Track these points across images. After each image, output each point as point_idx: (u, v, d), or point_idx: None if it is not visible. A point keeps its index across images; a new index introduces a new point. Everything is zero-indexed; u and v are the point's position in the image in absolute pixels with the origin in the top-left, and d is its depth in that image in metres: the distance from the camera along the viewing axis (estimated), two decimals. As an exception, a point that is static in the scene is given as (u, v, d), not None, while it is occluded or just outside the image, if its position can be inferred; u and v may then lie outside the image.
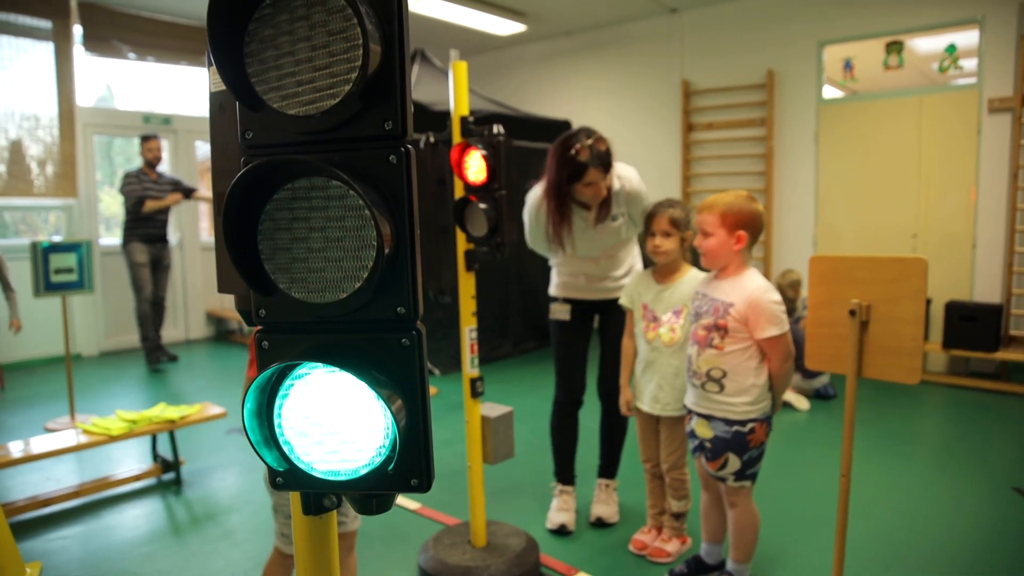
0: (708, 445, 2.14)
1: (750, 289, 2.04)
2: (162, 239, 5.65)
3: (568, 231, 2.50)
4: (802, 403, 4.41)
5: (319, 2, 0.66)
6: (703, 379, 2.12)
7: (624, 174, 2.51)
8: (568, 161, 2.34)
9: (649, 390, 2.47)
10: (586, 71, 7.20)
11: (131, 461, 3.54)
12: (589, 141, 2.34)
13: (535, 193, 2.56)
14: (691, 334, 2.19)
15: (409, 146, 0.69)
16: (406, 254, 0.70)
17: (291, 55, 0.67)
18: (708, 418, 2.14)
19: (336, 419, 0.70)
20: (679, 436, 2.46)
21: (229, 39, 0.67)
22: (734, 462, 2.10)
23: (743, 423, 2.08)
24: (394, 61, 0.67)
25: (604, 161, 2.35)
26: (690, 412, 2.23)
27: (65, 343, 4.14)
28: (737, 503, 2.17)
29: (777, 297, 2.04)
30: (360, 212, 0.67)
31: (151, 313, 5.64)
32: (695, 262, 2.42)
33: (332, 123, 0.68)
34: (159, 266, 5.69)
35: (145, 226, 5.52)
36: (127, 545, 2.71)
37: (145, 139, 5.56)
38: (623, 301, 2.53)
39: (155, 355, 5.68)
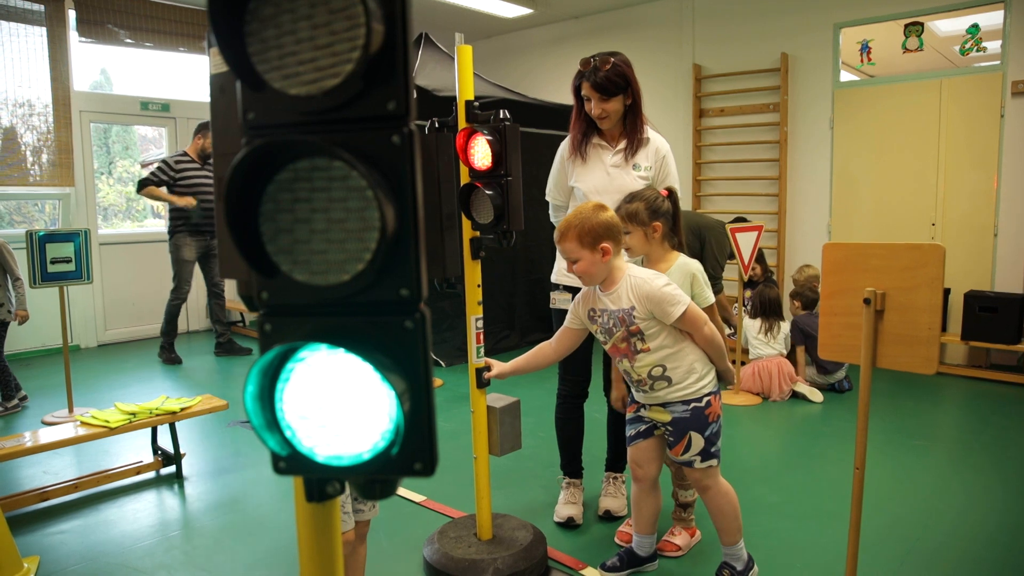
0: (669, 429, 2.14)
1: (638, 286, 2.06)
2: (212, 228, 5.52)
3: (584, 146, 2.60)
4: (816, 395, 4.32)
5: (320, -22, 0.65)
6: (648, 382, 2.12)
7: (660, 140, 2.65)
8: (577, 71, 2.52)
9: None
10: (594, 56, 7.07)
11: (131, 454, 3.48)
12: (598, 60, 2.46)
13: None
14: (610, 350, 2.18)
15: (412, 127, 0.68)
16: (409, 236, 0.69)
17: (292, 34, 0.66)
18: (663, 404, 2.14)
19: (339, 403, 0.70)
20: None
21: (229, 18, 0.67)
22: (697, 441, 2.10)
23: (699, 399, 2.10)
24: (397, 41, 0.66)
25: (598, 81, 2.44)
26: (635, 402, 2.23)
27: (63, 334, 4.08)
28: (709, 485, 2.15)
29: (664, 279, 2.08)
30: (363, 193, 0.66)
31: (177, 312, 5.56)
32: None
33: (334, 103, 0.67)
34: (210, 255, 5.58)
35: (195, 216, 5.38)
36: (126, 539, 2.67)
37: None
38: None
39: (228, 346, 5.72)
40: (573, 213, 2.09)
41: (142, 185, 5.28)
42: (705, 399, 2.10)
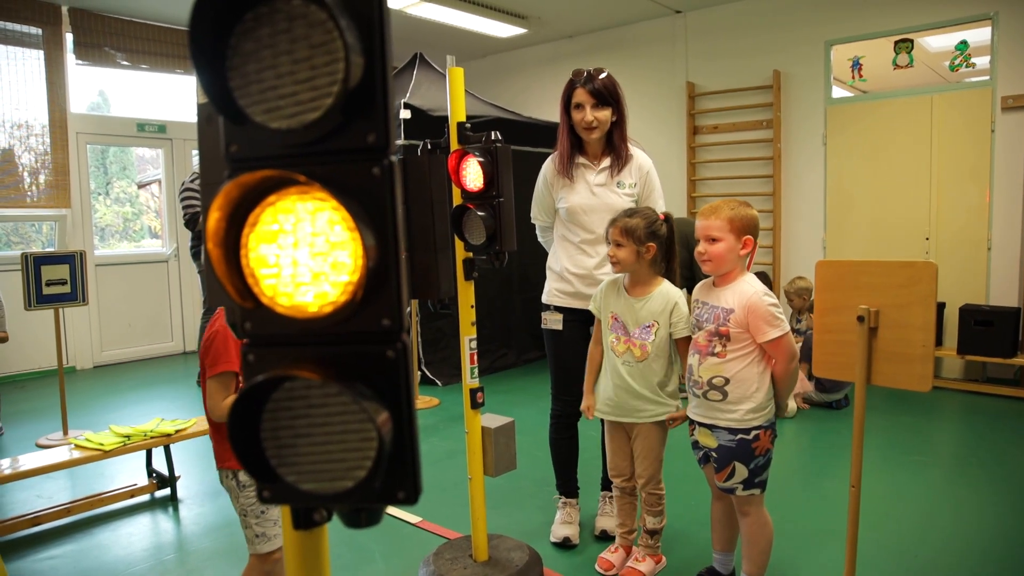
0: (713, 455, 2.12)
1: (748, 294, 2.04)
2: None
3: (572, 163, 2.61)
4: (791, 410, 4.27)
5: (300, 15, 0.65)
6: (704, 388, 2.09)
7: (643, 156, 2.64)
8: (568, 81, 2.56)
9: (610, 398, 2.37)
10: (588, 74, 7.13)
11: (125, 477, 3.46)
12: (592, 70, 2.53)
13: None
14: (692, 343, 2.18)
15: (393, 158, 0.70)
16: (391, 266, 0.70)
17: (273, 68, 0.67)
18: (711, 427, 2.11)
19: (321, 432, 0.70)
20: (653, 448, 2.35)
21: (211, 53, 0.68)
22: (741, 471, 2.07)
23: (747, 431, 2.06)
24: (376, 74, 0.67)
25: (596, 87, 2.49)
26: (692, 422, 2.20)
27: (58, 356, 4.07)
28: (749, 512, 2.13)
29: (774, 300, 2.06)
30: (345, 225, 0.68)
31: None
32: (689, 280, 2.38)
33: (315, 136, 0.68)
34: None
35: None
36: (120, 564, 2.64)
37: None
38: (591, 307, 2.46)
39: None
40: (723, 200, 2.11)
41: (193, 221, 4.94)
42: (754, 432, 2.05)
